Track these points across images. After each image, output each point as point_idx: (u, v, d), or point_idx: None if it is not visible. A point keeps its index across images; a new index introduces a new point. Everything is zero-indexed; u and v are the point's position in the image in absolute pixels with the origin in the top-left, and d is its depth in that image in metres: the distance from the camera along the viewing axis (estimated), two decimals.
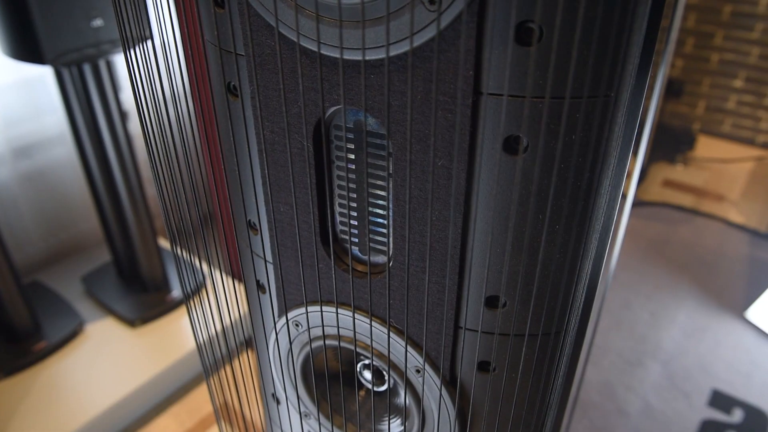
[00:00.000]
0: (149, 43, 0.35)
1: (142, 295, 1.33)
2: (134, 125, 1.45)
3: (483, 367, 0.36)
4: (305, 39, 0.30)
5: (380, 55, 0.28)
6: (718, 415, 1.23)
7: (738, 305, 1.52)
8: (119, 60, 1.36)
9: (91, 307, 1.31)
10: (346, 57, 0.29)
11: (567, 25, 0.25)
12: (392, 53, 0.28)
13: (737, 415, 1.23)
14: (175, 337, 1.26)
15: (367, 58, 0.29)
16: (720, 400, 1.26)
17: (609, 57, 0.26)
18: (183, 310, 1.33)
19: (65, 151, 1.40)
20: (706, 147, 2.20)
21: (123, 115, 1.19)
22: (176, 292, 1.35)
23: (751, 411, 1.24)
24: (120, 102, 1.17)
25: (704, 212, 1.90)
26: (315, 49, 0.30)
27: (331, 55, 0.29)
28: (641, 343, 1.42)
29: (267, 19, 0.30)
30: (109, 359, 1.19)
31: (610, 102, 0.28)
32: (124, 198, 1.25)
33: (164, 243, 1.51)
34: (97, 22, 1.00)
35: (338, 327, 0.38)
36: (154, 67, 0.36)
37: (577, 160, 0.29)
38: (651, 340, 1.42)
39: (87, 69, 1.09)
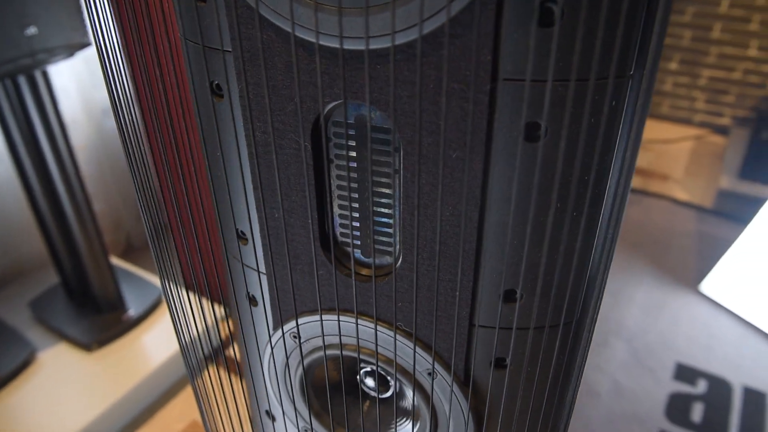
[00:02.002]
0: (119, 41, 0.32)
1: (97, 317, 1.27)
2: (75, 138, 1.37)
3: (499, 363, 0.35)
4: (302, 30, 0.28)
5: (386, 43, 0.26)
6: (684, 388, 1.27)
7: (691, 279, 1.57)
8: (55, 70, 1.29)
9: (42, 333, 1.23)
10: (346, 47, 0.27)
11: (589, 4, 0.24)
12: (401, 41, 0.26)
13: (702, 386, 1.27)
14: (136, 357, 1.21)
15: (372, 47, 0.27)
16: (684, 373, 1.30)
17: (633, 36, 0.25)
18: (142, 328, 1.27)
19: (1, 169, 1.32)
20: (647, 129, 2.26)
21: (64, 128, 1.12)
22: (133, 311, 1.29)
23: (714, 381, 1.29)
24: (60, 114, 1.10)
25: (652, 192, 1.96)
26: (310, 40, 0.28)
27: (335, 46, 0.27)
28: (605, 323, 1.45)
29: (260, 12, 0.28)
30: (66, 387, 1.12)
31: (629, 83, 0.27)
32: (70, 215, 1.18)
33: (115, 260, 1.45)
34: (31, 30, 0.94)
35: (358, 337, 0.36)
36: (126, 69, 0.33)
37: (596, 143, 0.28)
38: (614, 320, 1.46)
39: (22, 81, 1.02)
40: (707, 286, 1.52)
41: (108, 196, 1.58)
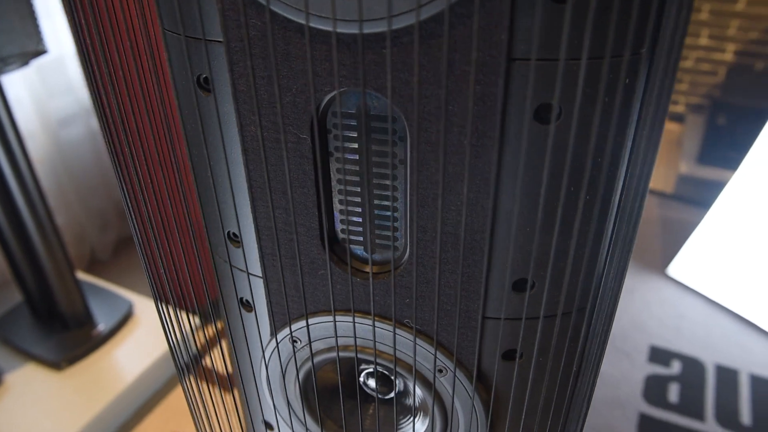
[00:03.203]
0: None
1: (64, 334, 1.22)
2: (32, 151, 1.32)
3: (512, 355, 0.34)
4: (300, 14, 0.26)
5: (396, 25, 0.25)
6: (659, 369, 1.30)
7: (658, 263, 1.61)
8: (7, 80, 1.23)
9: (8, 354, 1.18)
10: (343, 30, 0.26)
11: None
12: (403, 23, 0.25)
13: (676, 367, 1.30)
14: (109, 373, 1.16)
15: (377, 30, 0.26)
16: (658, 355, 1.33)
17: (650, 11, 0.25)
18: (113, 343, 1.23)
19: None
20: None
21: (21, 141, 1.07)
22: (102, 326, 1.25)
23: (687, 360, 1.32)
24: (16, 126, 1.05)
25: None
26: (312, 25, 0.27)
27: (343, 31, 0.26)
28: None
29: None
30: (36, 409, 1.08)
31: (641, 60, 0.27)
32: (31, 230, 1.13)
33: (81, 275, 1.39)
34: None
35: (375, 339, 0.35)
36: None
37: (612, 124, 0.27)
38: None
39: None
40: (674, 269, 1.56)
41: (69, 210, 1.52)
